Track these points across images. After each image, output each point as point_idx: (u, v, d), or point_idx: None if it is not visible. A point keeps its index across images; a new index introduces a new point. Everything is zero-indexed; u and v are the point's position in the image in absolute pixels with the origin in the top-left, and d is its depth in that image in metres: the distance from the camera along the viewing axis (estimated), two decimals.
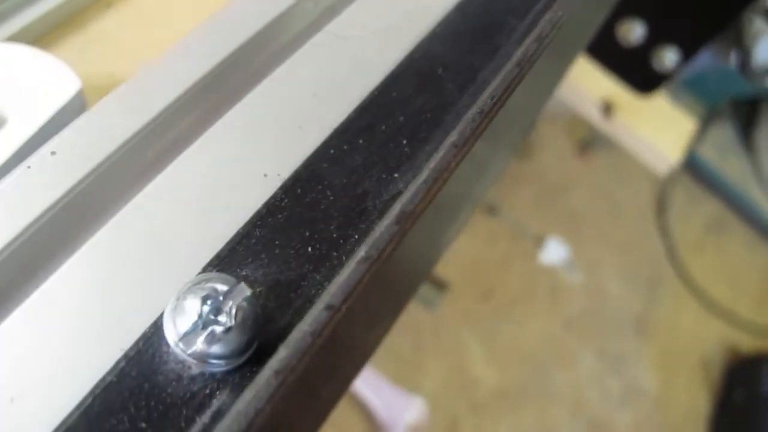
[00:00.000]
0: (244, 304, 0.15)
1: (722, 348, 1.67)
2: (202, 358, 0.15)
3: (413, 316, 1.43)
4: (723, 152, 1.83)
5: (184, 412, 0.14)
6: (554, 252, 1.48)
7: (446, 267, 1.52)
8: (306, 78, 0.21)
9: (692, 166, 1.82)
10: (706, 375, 1.63)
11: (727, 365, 1.64)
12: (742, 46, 1.32)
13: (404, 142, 0.19)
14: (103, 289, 0.16)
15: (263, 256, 0.17)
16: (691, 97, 1.84)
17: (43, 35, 0.29)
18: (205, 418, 0.14)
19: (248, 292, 0.15)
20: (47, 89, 0.22)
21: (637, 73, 0.72)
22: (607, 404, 1.54)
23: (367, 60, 0.21)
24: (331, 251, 0.16)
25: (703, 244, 1.79)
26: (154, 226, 0.17)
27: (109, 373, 0.15)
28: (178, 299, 0.15)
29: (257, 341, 0.15)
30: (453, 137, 0.17)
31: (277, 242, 0.17)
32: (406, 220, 0.16)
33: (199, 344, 0.15)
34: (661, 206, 1.79)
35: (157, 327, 0.15)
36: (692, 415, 1.57)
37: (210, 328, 0.15)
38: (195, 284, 0.15)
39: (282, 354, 0.14)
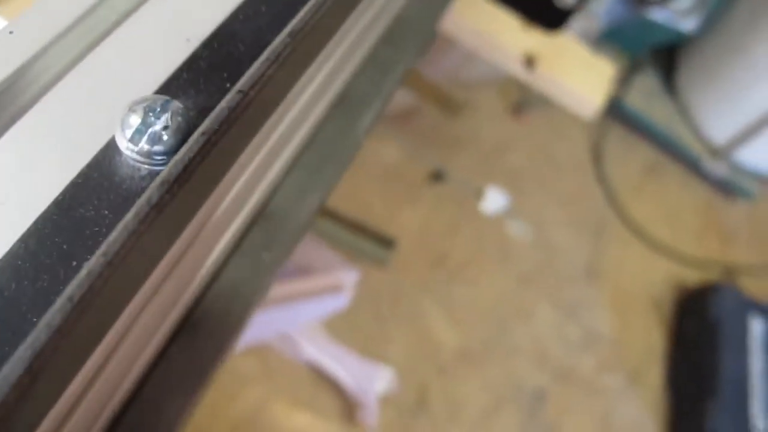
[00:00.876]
0: (178, 117, 0.19)
1: (670, 285, 1.76)
2: (148, 155, 0.19)
3: (371, 287, 1.47)
4: (649, 99, 1.92)
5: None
6: (494, 201, 1.54)
7: (400, 239, 1.57)
8: None
9: (622, 115, 1.90)
10: (658, 312, 1.71)
11: (676, 300, 1.73)
12: None
13: (299, 7, 0.23)
14: (69, 125, 0.20)
15: (191, 91, 0.21)
16: (613, 50, 1.93)
17: None
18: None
19: (180, 105, 0.19)
20: None
21: (543, 12, 0.78)
22: (569, 351, 1.61)
23: None
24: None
25: (641, 188, 1.88)
26: (106, 76, 0.21)
27: (76, 177, 0.19)
28: (124, 116, 0.19)
29: None
30: None
31: (201, 81, 0.21)
32: (297, 32, 0.20)
33: (144, 143, 0.19)
34: (597, 156, 1.87)
35: (110, 143, 0.19)
36: (650, 351, 1.65)
37: (151, 129, 0.19)
38: (137, 103, 0.19)
39: (205, 122, 0.18)
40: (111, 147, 0.19)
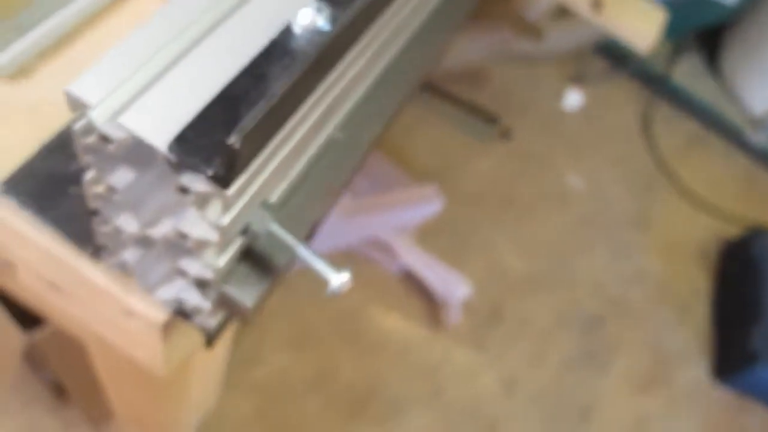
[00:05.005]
0: None
1: (714, 237, 2.01)
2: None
3: (451, 217, 1.75)
4: (693, 76, 2.24)
5: None
6: (573, 99, 1.90)
7: (475, 183, 1.90)
8: None
9: (669, 91, 2.22)
10: (703, 258, 1.96)
11: (720, 249, 1.99)
12: None
13: None
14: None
15: None
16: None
17: None
18: None
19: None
20: None
21: None
22: (621, 284, 1.87)
23: None
24: None
25: (687, 156, 2.17)
26: None
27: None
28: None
29: None
30: None
31: None
32: None
33: None
34: (646, 126, 2.18)
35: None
36: (696, 289, 1.90)
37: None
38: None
39: None
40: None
